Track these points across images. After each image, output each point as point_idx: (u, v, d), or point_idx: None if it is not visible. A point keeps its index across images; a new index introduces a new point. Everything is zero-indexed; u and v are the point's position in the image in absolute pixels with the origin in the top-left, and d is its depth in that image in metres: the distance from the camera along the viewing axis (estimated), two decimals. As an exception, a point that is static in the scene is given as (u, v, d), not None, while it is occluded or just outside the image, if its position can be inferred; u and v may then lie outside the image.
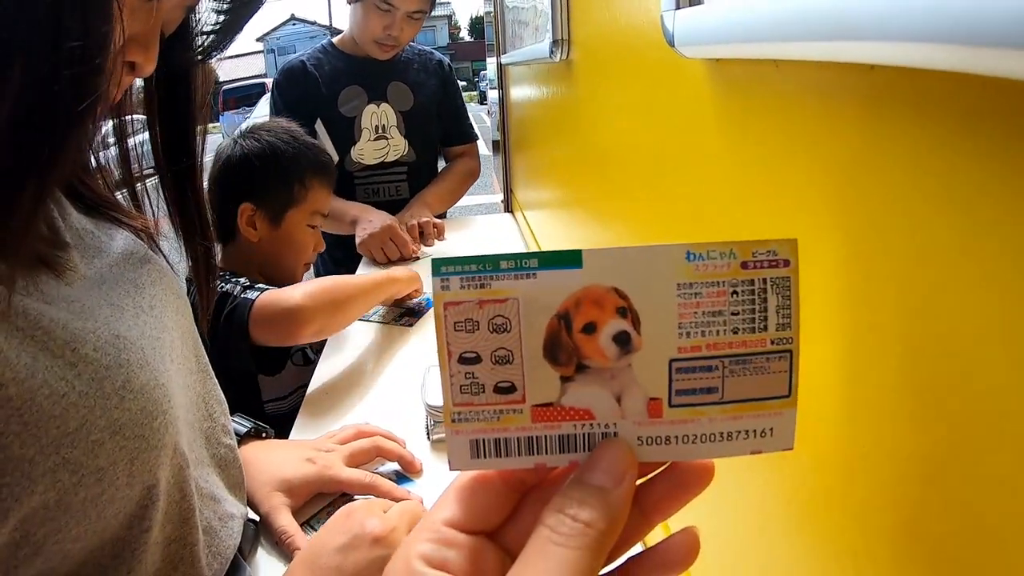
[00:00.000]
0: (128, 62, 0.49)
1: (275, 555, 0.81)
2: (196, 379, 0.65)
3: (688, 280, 0.29)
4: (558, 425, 0.30)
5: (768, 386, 0.30)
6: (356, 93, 1.92)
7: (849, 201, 0.35)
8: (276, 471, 0.87)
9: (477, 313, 0.29)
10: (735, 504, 0.52)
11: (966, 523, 0.28)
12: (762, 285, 0.29)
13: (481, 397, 0.30)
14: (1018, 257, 0.25)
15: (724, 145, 0.51)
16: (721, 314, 0.29)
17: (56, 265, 0.50)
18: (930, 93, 0.28)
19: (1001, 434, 0.26)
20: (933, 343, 0.30)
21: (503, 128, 2.55)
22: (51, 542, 0.44)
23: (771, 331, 0.29)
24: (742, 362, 0.29)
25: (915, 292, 0.30)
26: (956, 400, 0.28)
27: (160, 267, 0.64)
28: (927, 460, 0.30)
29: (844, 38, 0.29)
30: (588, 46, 0.97)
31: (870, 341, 0.34)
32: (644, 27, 0.67)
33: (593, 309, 0.29)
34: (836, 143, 0.36)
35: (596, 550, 0.26)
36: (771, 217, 0.44)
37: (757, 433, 0.30)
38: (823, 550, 0.40)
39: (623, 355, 0.29)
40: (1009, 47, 0.21)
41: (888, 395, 0.33)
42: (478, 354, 0.30)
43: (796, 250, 0.29)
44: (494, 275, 0.29)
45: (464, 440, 0.30)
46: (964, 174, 0.27)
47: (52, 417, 0.43)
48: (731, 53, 0.43)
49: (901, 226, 0.31)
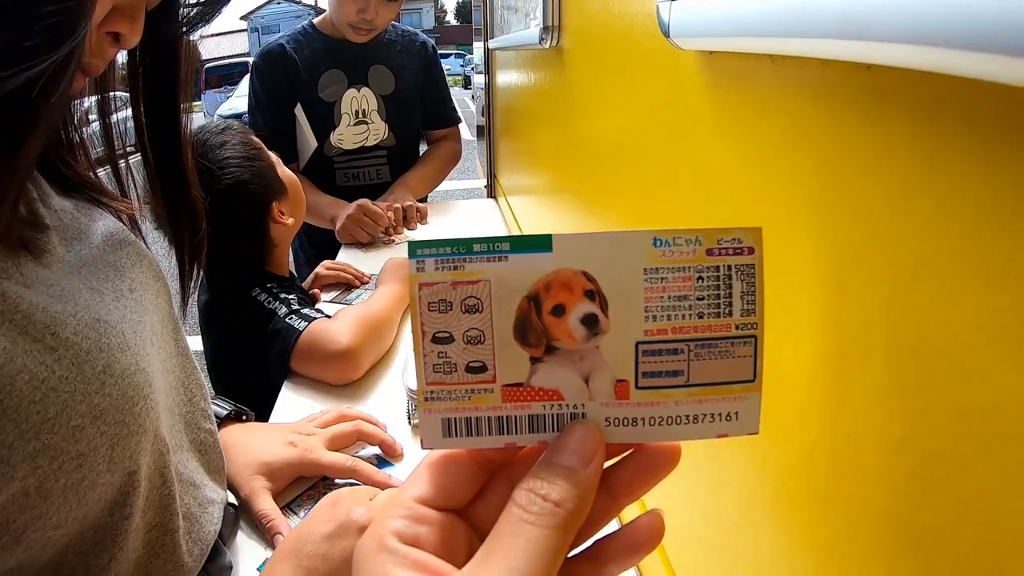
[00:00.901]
0: (112, 33, 0.48)
1: (255, 539, 0.81)
2: (176, 363, 0.64)
3: (655, 265, 0.29)
4: (528, 405, 0.31)
5: (733, 370, 0.30)
6: (336, 77, 1.88)
7: (839, 196, 0.36)
8: (257, 454, 0.87)
9: (450, 294, 0.30)
10: (722, 496, 0.53)
11: (949, 514, 0.29)
12: (727, 272, 0.30)
13: (453, 376, 0.31)
14: (1007, 258, 0.25)
15: (716, 137, 0.51)
16: (687, 299, 0.30)
17: (35, 248, 0.49)
18: (925, 94, 0.29)
19: (984, 428, 0.27)
20: (917, 340, 0.30)
21: (488, 113, 2.54)
22: (31, 529, 0.44)
23: (736, 316, 0.30)
24: (707, 346, 0.30)
25: (901, 289, 0.31)
26: (940, 395, 0.29)
27: (140, 250, 0.63)
28: (912, 453, 0.31)
29: (843, 36, 0.29)
30: (579, 33, 0.97)
31: (857, 337, 0.35)
32: (638, 16, 0.66)
33: (562, 292, 0.29)
34: (830, 140, 0.36)
35: (565, 529, 0.27)
36: (760, 209, 0.44)
37: (722, 417, 0.30)
38: (809, 541, 0.41)
39: (591, 337, 0.30)
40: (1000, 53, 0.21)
41: (873, 390, 0.33)
42: (451, 334, 0.30)
43: (760, 238, 0.30)
44: (467, 257, 0.30)
45: (436, 419, 0.31)
46: (954, 174, 0.27)
47: (32, 402, 0.42)
48: (727, 46, 0.43)
49: (889, 222, 0.32)
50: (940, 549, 0.30)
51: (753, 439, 0.46)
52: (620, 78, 0.77)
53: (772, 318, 0.43)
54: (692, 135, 0.56)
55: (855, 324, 0.35)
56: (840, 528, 0.37)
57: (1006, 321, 0.26)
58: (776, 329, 0.43)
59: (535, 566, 0.26)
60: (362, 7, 1.74)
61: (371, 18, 1.76)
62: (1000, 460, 0.26)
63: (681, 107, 0.58)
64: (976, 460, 0.27)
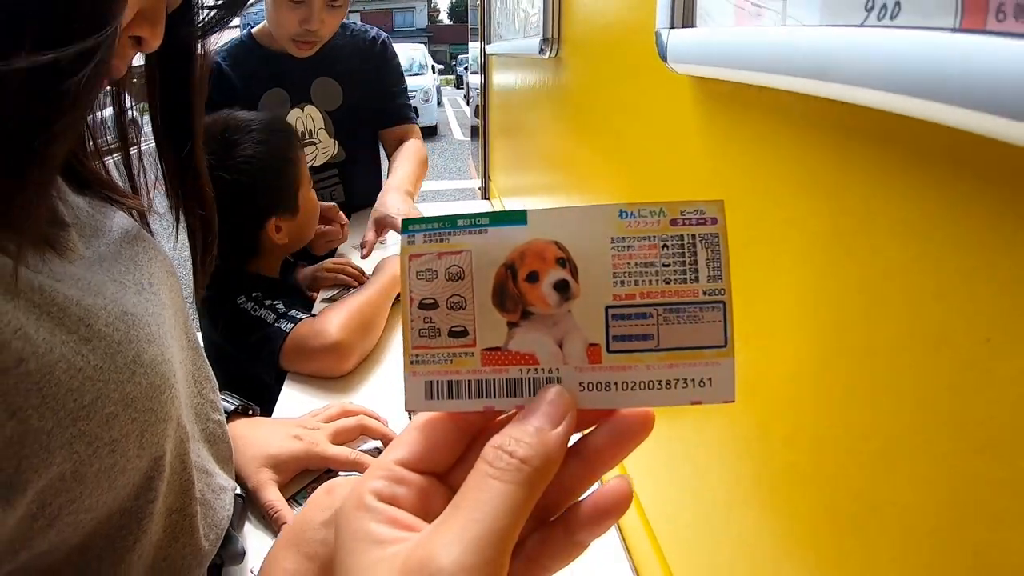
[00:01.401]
0: (134, 36, 0.50)
1: (262, 529, 0.84)
2: (188, 356, 0.66)
3: (621, 235, 0.31)
4: (505, 369, 0.32)
5: (703, 335, 0.31)
6: (278, 97, 1.69)
7: (818, 215, 0.40)
8: (263, 447, 0.90)
9: (436, 263, 0.33)
10: (708, 478, 0.57)
11: (914, 492, 0.33)
12: (691, 240, 0.31)
13: (437, 340, 0.33)
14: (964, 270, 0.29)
15: (705, 157, 0.55)
16: (653, 265, 0.31)
17: (58, 244, 0.51)
18: (889, 131, 0.33)
19: (938, 416, 0.31)
20: (884, 338, 0.34)
21: (483, 115, 2.55)
22: (65, 512, 0.45)
23: (703, 283, 0.31)
24: (675, 310, 0.31)
25: (871, 293, 0.35)
26: (902, 387, 0.33)
27: (154, 245, 0.65)
28: (878, 439, 0.35)
29: (817, 78, 0.33)
30: (578, 46, 1.00)
31: (833, 335, 0.39)
32: (637, 37, 0.70)
33: (536, 260, 0.32)
34: (808, 166, 0.41)
35: (529, 486, 0.28)
36: (745, 221, 0.48)
37: (695, 382, 0.31)
38: (788, 522, 0.45)
39: (563, 302, 0.32)
40: (949, 104, 0.26)
41: (846, 382, 0.38)
42: (435, 300, 0.33)
43: (723, 209, 0.31)
44: (452, 231, 0.33)
45: (420, 381, 0.33)
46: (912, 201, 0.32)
47: (69, 391, 0.44)
48: (719, 74, 0.47)
49: (856, 236, 0.36)
50: (907, 523, 0.34)
51: (737, 428, 0.51)
52: (616, 93, 0.80)
53: (758, 319, 0.47)
54: (682, 152, 0.60)
55: (831, 324, 0.39)
56: (818, 508, 0.41)
57: (954, 323, 0.30)
58: (760, 328, 0.47)
59: (497, 520, 0.27)
60: (304, 17, 1.54)
61: (315, 29, 1.56)
62: (955, 442, 0.30)
63: (673, 125, 0.62)
64: (935, 442, 0.32)
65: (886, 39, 0.30)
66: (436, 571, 0.26)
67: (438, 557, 0.26)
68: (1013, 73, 0.24)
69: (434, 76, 14.50)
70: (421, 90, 12.20)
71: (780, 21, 0.40)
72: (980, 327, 0.29)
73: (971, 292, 0.29)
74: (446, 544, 0.26)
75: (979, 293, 0.29)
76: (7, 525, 0.42)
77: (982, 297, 0.29)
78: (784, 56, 0.37)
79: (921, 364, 0.32)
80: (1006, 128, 0.24)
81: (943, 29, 0.29)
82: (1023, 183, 0.26)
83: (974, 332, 0.29)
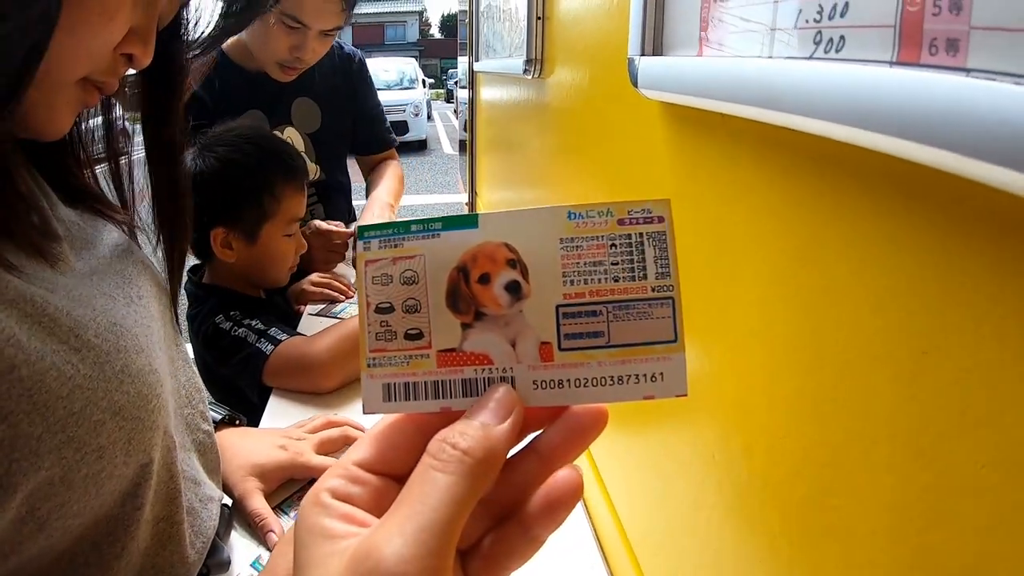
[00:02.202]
0: (126, 54, 0.51)
1: (247, 537, 0.85)
2: (177, 367, 0.67)
3: (570, 235, 0.32)
4: (460, 370, 0.33)
5: (653, 331, 0.32)
6: (256, 120, 1.60)
7: (773, 234, 0.42)
8: (250, 456, 0.91)
9: (391, 268, 0.33)
10: (674, 485, 0.59)
11: (861, 501, 0.36)
12: (639, 239, 0.32)
13: (393, 343, 0.33)
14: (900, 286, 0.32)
15: (673, 178, 0.57)
16: (601, 264, 0.32)
17: (50, 256, 0.52)
18: (833, 156, 0.35)
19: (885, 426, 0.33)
20: (833, 353, 0.37)
21: (471, 129, 2.57)
22: (54, 517, 0.47)
23: (651, 280, 0.32)
24: (625, 307, 0.32)
25: (821, 312, 0.38)
26: (853, 398, 0.36)
27: (143, 259, 0.66)
28: (829, 446, 0.37)
29: (769, 107, 0.36)
30: (560, 68, 1.03)
31: (787, 350, 0.41)
32: (612, 63, 0.73)
33: (487, 262, 0.32)
34: (764, 188, 0.43)
35: (471, 477, 0.28)
36: (708, 244, 0.51)
37: (647, 377, 0.32)
38: (749, 524, 0.47)
39: (514, 302, 0.32)
40: (885, 133, 0.28)
41: (799, 393, 0.40)
42: (391, 304, 0.33)
43: (669, 208, 0.32)
44: (406, 236, 0.33)
45: (377, 384, 0.33)
46: (853, 222, 0.34)
47: (59, 398, 0.45)
48: (684, 101, 0.49)
49: (812, 258, 0.38)
50: (851, 526, 0.36)
51: (701, 438, 0.53)
52: (594, 114, 0.83)
53: (720, 332, 0.49)
54: (653, 173, 0.62)
55: (783, 338, 0.41)
56: (772, 513, 0.44)
57: (893, 337, 0.32)
58: (722, 341, 0.49)
59: (438, 510, 0.27)
60: (296, 44, 1.46)
61: (306, 57, 1.50)
62: (893, 449, 0.33)
63: (645, 147, 0.64)
64: (875, 450, 0.34)
65: (829, 71, 0.32)
66: (378, 561, 0.26)
67: (380, 548, 0.27)
68: (943, 104, 0.26)
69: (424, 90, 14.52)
70: (411, 104, 12.21)
71: (739, 52, 0.42)
72: (917, 341, 0.31)
73: (907, 307, 0.31)
74: (388, 536, 0.27)
75: (915, 308, 0.31)
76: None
77: (917, 312, 0.31)
78: (740, 85, 0.39)
79: (863, 376, 0.34)
80: (937, 156, 0.26)
81: (882, 62, 0.31)
82: (954, 207, 0.29)
83: (911, 345, 0.31)
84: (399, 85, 13.29)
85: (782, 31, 0.38)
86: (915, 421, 0.31)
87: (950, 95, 0.26)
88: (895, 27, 0.30)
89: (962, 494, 0.29)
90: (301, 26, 1.42)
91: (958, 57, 0.27)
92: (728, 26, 0.44)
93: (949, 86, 0.26)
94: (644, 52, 0.54)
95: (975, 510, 0.28)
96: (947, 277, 0.29)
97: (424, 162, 10.94)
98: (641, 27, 0.55)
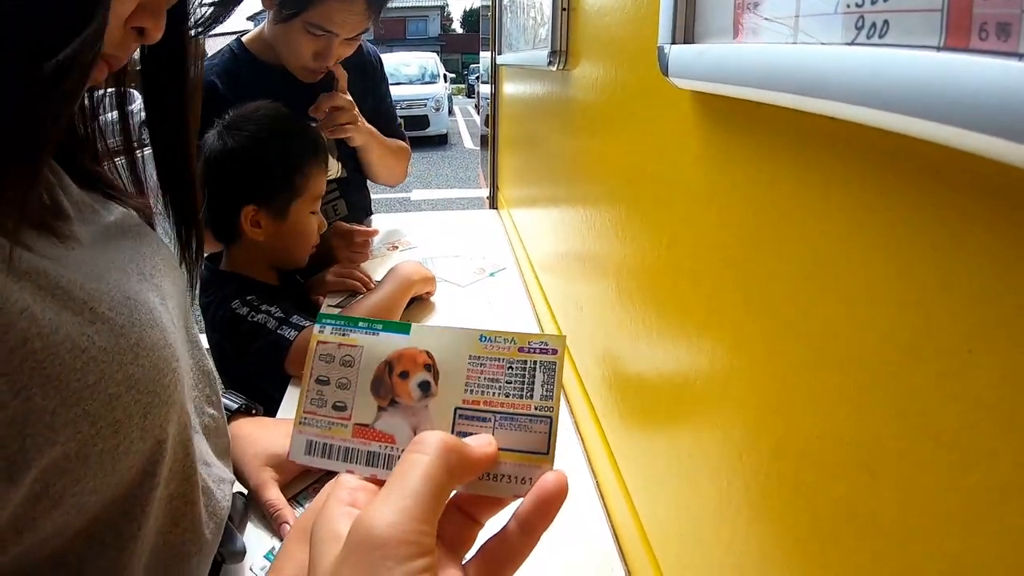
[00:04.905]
0: (137, 28, 0.50)
1: (262, 528, 0.85)
2: (187, 349, 0.66)
3: (478, 354, 0.39)
4: (368, 443, 0.40)
5: (530, 442, 0.38)
6: None
7: (810, 228, 0.41)
8: (266, 447, 0.91)
9: (336, 351, 0.42)
10: (699, 486, 0.58)
11: (898, 505, 0.34)
12: (532, 365, 0.39)
13: (323, 410, 0.41)
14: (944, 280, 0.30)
15: (704, 170, 0.56)
16: (497, 381, 0.39)
17: (59, 234, 0.51)
18: (877, 146, 0.34)
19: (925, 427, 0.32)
20: (872, 350, 0.35)
21: (493, 124, 2.57)
22: (69, 494, 0.46)
23: (536, 400, 0.38)
24: (510, 419, 0.38)
25: (860, 307, 0.36)
26: (892, 398, 0.34)
27: (157, 240, 0.66)
28: (865, 448, 0.36)
29: (808, 94, 0.34)
30: (585, 59, 1.01)
31: (823, 347, 0.40)
32: (641, 52, 0.72)
33: (409, 363, 0.40)
34: (801, 180, 0.42)
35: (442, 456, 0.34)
36: (741, 239, 0.49)
37: (518, 480, 0.37)
38: (775, 529, 0.46)
39: (424, 398, 0.40)
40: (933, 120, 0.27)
41: (835, 393, 0.39)
42: (328, 378, 0.41)
43: (564, 343, 0.39)
44: (352, 329, 0.42)
45: (303, 439, 0.41)
46: (896, 214, 0.33)
47: (73, 371, 0.45)
48: (718, 90, 0.48)
49: (851, 252, 0.37)
50: (887, 531, 0.35)
51: (729, 438, 0.52)
52: (621, 106, 0.82)
53: (751, 330, 0.48)
54: (683, 165, 0.61)
55: (819, 335, 0.40)
56: (803, 517, 0.42)
57: (936, 334, 0.31)
58: (752, 338, 0.48)
59: (417, 483, 0.33)
60: (321, 50, 1.44)
61: (330, 62, 1.48)
62: (934, 451, 0.31)
63: (675, 139, 0.63)
64: (915, 451, 0.32)
65: (874, 57, 0.31)
66: (369, 528, 0.32)
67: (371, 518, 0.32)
68: (994, 90, 0.25)
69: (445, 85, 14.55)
70: (432, 98, 12.23)
71: (775, 39, 0.41)
72: (962, 338, 0.30)
73: (952, 303, 0.30)
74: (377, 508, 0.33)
75: (960, 305, 0.30)
76: (11, 503, 0.43)
77: (963, 309, 0.30)
78: (777, 73, 0.38)
79: (904, 374, 0.33)
80: (987, 144, 0.25)
81: (929, 47, 0.30)
82: (1003, 196, 0.27)
83: (956, 342, 0.30)
84: (420, 80, 13.31)
85: (823, 16, 0.37)
86: (959, 421, 0.30)
87: (1001, 81, 0.24)
88: (942, 11, 0.29)
89: (1008, 497, 0.28)
90: (327, 33, 1.41)
91: (1010, 42, 0.26)
92: (765, 11, 0.42)
93: (1000, 72, 0.25)
94: (675, 40, 0.53)
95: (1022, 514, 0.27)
96: (995, 272, 0.28)
97: (444, 157, 10.95)
98: (672, 14, 0.53)
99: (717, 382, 0.54)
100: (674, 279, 0.64)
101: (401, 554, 0.31)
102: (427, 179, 8.98)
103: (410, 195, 8.05)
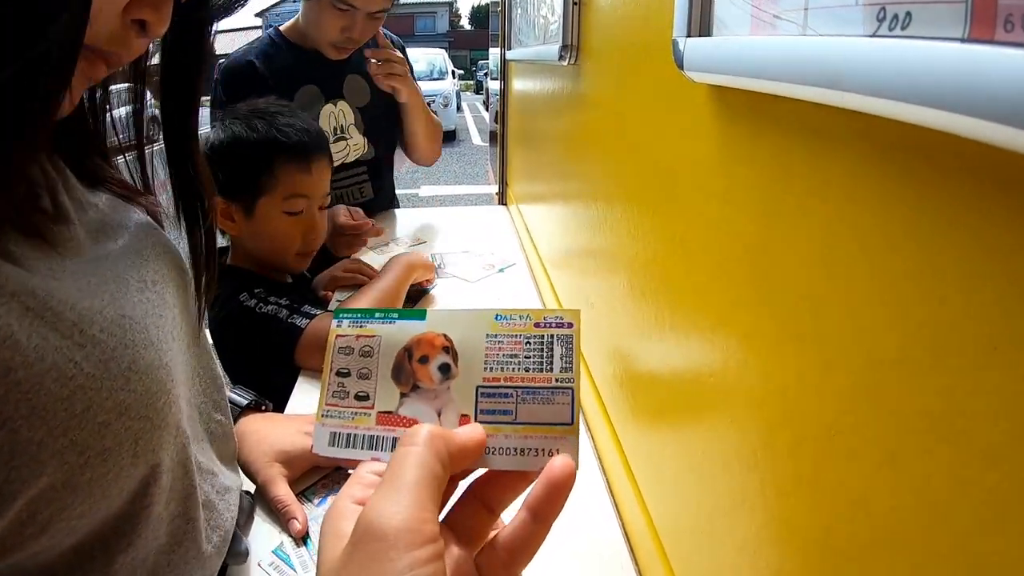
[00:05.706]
0: (138, 20, 0.46)
1: (270, 523, 0.85)
2: (193, 354, 0.65)
3: (495, 332, 0.40)
4: (393, 429, 0.40)
5: (554, 414, 0.38)
6: (312, 93, 1.75)
7: (830, 224, 0.40)
8: (275, 443, 0.91)
9: (354, 343, 0.43)
10: (713, 486, 0.57)
11: (917, 503, 0.34)
12: (549, 339, 0.39)
13: (345, 401, 0.42)
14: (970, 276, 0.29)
15: (720, 165, 0.55)
16: (516, 356, 0.39)
17: (58, 239, 0.49)
18: (899, 140, 0.33)
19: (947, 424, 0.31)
20: (892, 347, 0.35)
21: (502, 120, 2.56)
22: (57, 520, 0.45)
23: (556, 372, 0.39)
24: (532, 393, 0.39)
25: (879, 304, 0.36)
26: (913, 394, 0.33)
27: (166, 241, 0.64)
28: (885, 446, 0.35)
29: (829, 87, 0.34)
30: (597, 54, 1.01)
31: (841, 344, 0.39)
32: (654, 46, 0.71)
33: (428, 347, 0.41)
34: (820, 174, 0.41)
35: (431, 445, 0.35)
36: (757, 235, 0.49)
37: (544, 452, 0.38)
38: (790, 528, 0.45)
39: (444, 380, 0.40)
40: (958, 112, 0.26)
41: (854, 390, 0.38)
42: (349, 370, 0.42)
43: (579, 317, 0.39)
44: (369, 320, 0.43)
45: (326, 431, 0.42)
46: (920, 209, 0.32)
47: (60, 400, 0.43)
48: (734, 83, 0.47)
49: (872, 248, 0.36)
50: (905, 531, 0.34)
51: (744, 436, 0.51)
52: (634, 101, 0.81)
53: (767, 327, 0.47)
54: (697, 158, 0.60)
55: (837, 332, 0.39)
56: (819, 516, 0.42)
57: (960, 331, 0.30)
58: (768, 335, 0.47)
59: (409, 473, 0.34)
60: (347, 25, 1.64)
61: (356, 36, 1.67)
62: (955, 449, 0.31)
63: (689, 132, 0.62)
64: (936, 450, 0.32)
65: (896, 49, 0.30)
66: (369, 521, 0.33)
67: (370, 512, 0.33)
68: (1020, 82, 0.24)
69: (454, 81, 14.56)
70: (441, 94, 12.25)
71: (794, 31, 0.40)
72: (986, 334, 0.29)
73: (977, 299, 0.29)
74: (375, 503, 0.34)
75: (985, 300, 0.29)
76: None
77: (988, 305, 0.29)
78: (797, 65, 0.37)
79: (926, 371, 0.32)
80: (1013, 137, 0.25)
81: (952, 39, 0.29)
82: (1028, 193, 0.27)
83: (980, 339, 0.29)
84: (429, 76, 13.32)
85: (843, 7, 0.36)
86: (982, 419, 0.29)
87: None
88: (966, 2, 0.28)
89: (1033, 499, 0.27)
90: (351, 8, 1.61)
91: (1037, 34, 0.25)
92: (784, 2, 0.42)
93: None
94: (691, 33, 0.52)
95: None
96: (1022, 268, 0.27)
97: (453, 153, 10.95)
98: (687, 6, 0.52)
99: (732, 378, 0.53)
100: (688, 274, 0.63)
101: (404, 543, 0.32)
102: (436, 175, 8.98)
103: (419, 191, 8.05)
